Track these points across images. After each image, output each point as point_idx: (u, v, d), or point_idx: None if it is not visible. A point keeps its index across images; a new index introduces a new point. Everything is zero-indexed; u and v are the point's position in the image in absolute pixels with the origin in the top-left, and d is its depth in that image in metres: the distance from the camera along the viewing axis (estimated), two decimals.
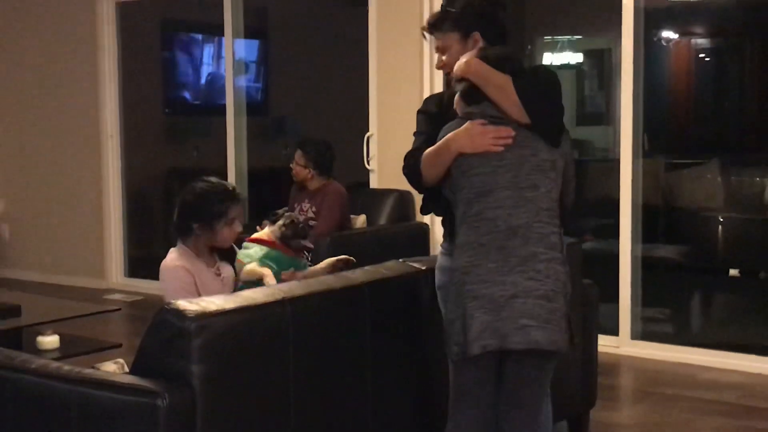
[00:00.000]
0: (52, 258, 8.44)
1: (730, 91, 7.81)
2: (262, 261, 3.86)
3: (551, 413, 3.37)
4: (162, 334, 2.83)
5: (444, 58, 3.31)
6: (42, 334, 4.71)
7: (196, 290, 3.67)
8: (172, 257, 3.77)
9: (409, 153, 3.26)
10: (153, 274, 7.91)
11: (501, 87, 3.00)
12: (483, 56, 3.07)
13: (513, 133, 2.99)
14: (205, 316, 2.81)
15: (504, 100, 2.99)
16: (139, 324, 2.96)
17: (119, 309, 5.55)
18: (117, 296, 7.72)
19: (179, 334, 2.78)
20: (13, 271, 8.54)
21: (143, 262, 8.36)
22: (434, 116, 3.32)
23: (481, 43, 3.23)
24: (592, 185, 7.40)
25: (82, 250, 8.33)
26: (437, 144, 3.11)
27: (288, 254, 3.96)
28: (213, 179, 3.85)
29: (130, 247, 8.34)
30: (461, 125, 3.05)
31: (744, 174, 7.13)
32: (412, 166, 3.21)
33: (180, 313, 2.80)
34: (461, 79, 3.10)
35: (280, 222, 3.99)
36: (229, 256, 3.93)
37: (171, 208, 9.59)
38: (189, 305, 2.84)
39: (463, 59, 3.10)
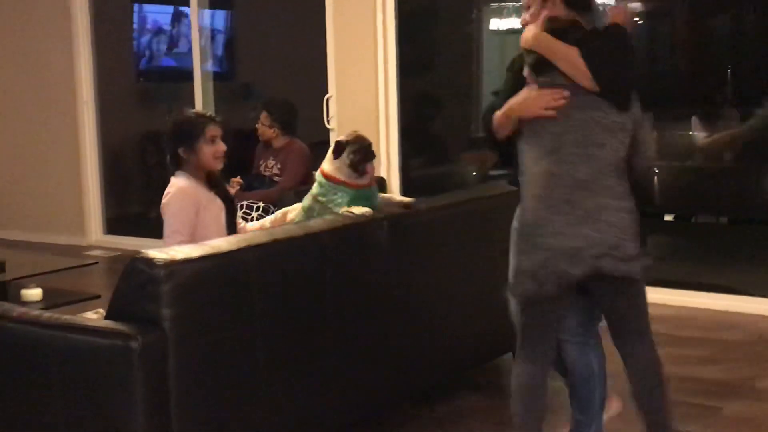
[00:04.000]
0: (34, 217, 8.35)
1: (662, 52, 7.87)
2: (355, 204, 3.65)
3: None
4: (134, 281, 2.84)
5: (526, 16, 3.13)
6: (26, 287, 4.68)
7: (195, 219, 3.67)
8: (180, 183, 3.74)
9: (484, 112, 3.20)
10: (131, 231, 7.99)
11: (568, 59, 2.90)
12: (548, 29, 2.96)
13: (565, 94, 2.91)
14: (173, 264, 2.82)
15: (574, 72, 2.90)
16: (117, 277, 2.95)
17: (97, 263, 5.55)
18: (96, 252, 7.67)
19: (150, 280, 2.79)
20: None
21: (121, 220, 8.34)
22: (521, 76, 3.16)
23: (560, 7, 3.04)
24: None
25: (63, 210, 8.25)
26: (504, 107, 3.04)
27: (362, 187, 3.73)
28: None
29: (108, 207, 8.28)
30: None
31: (676, 127, 7.20)
32: (485, 126, 3.16)
33: (150, 261, 2.81)
34: (529, 51, 3.00)
35: (346, 151, 3.71)
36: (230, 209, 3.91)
37: (146, 169, 9.54)
38: (158, 254, 2.85)
39: (529, 32, 3.00)
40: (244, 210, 5.77)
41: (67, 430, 2.87)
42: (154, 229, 6.68)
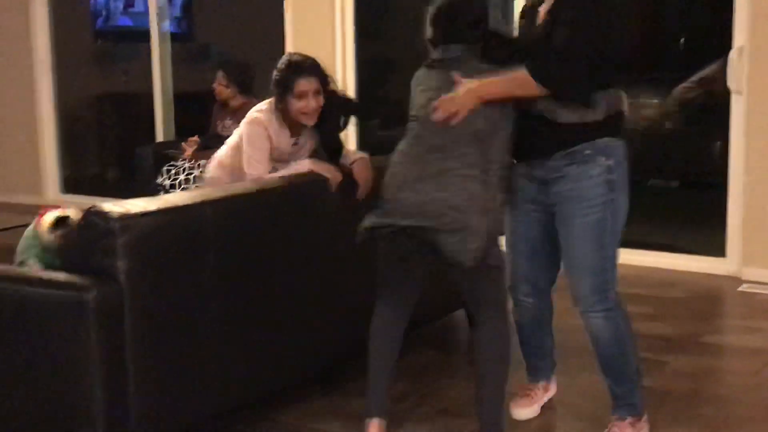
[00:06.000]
0: None
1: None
2: None
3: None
4: (89, 234, 2.81)
5: None
6: None
7: (269, 154, 3.61)
8: (263, 113, 3.64)
9: None
10: (88, 190, 7.91)
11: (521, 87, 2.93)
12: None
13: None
14: (129, 217, 2.80)
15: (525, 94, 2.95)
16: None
17: None
18: None
19: (105, 233, 2.77)
20: None
21: (78, 180, 8.26)
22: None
23: None
24: None
25: (20, 169, 8.17)
26: None
27: None
28: (300, 54, 3.74)
29: (65, 167, 8.20)
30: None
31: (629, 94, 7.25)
32: None
33: (105, 215, 2.78)
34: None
35: None
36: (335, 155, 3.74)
37: (103, 130, 9.41)
38: (114, 207, 2.82)
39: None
40: (201, 169, 5.75)
41: (21, 383, 2.85)
42: (111, 188, 6.60)
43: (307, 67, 3.60)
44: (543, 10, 3.06)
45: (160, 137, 7.54)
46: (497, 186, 2.97)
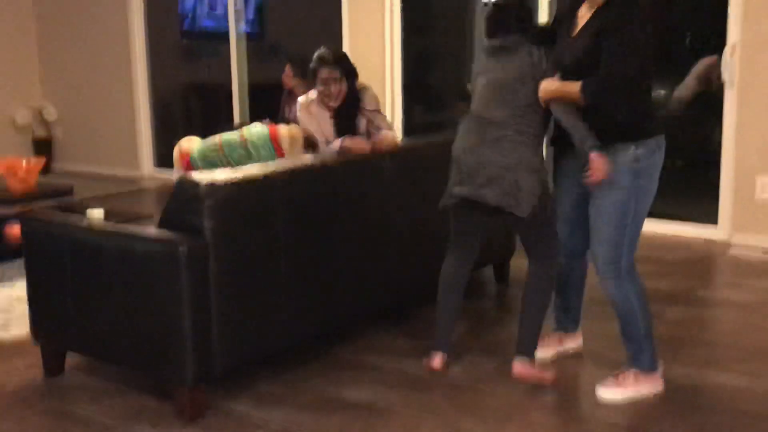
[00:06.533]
0: (96, 153, 8.43)
1: None
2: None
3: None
4: (181, 198, 2.89)
5: None
6: (90, 208, 4.75)
7: (319, 127, 3.71)
8: (305, 97, 3.78)
9: None
10: None
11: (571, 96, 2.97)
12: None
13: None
14: (214, 185, 2.87)
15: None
16: (166, 201, 3.00)
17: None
18: (148, 182, 7.74)
19: (194, 197, 2.84)
20: (65, 164, 8.53)
21: (169, 155, 8.33)
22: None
23: None
24: None
25: (120, 147, 8.32)
26: None
27: None
28: (328, 48, 3.76)
29: (157, 144, 8.34)
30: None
31: None
32: None
33: (195, 182, 2.86)
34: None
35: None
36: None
37: (190, 114, 9.48)
38: (201, 176, 2.90)
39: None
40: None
41: (125, 321, 2.95)
42: None
43: (328, 58, 3.66)
44: (581, 16, 3.05)
45: (237, 121, 7.64)
46: (541, 150, 3.11)
